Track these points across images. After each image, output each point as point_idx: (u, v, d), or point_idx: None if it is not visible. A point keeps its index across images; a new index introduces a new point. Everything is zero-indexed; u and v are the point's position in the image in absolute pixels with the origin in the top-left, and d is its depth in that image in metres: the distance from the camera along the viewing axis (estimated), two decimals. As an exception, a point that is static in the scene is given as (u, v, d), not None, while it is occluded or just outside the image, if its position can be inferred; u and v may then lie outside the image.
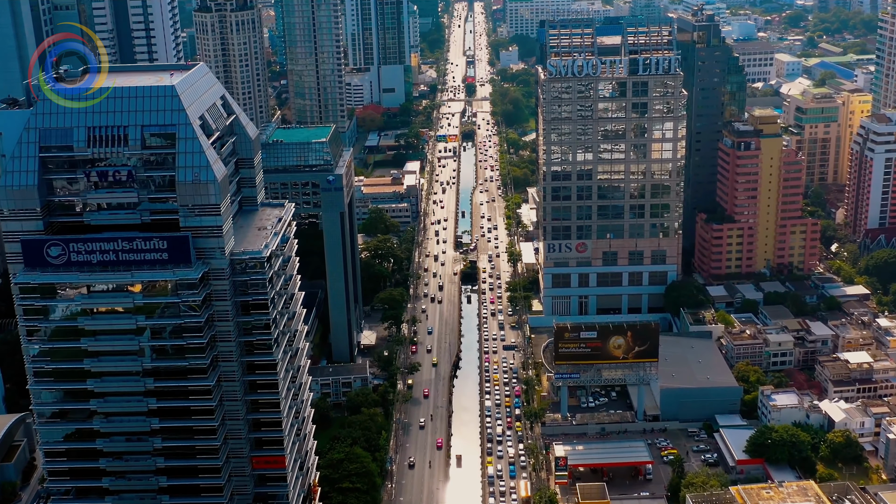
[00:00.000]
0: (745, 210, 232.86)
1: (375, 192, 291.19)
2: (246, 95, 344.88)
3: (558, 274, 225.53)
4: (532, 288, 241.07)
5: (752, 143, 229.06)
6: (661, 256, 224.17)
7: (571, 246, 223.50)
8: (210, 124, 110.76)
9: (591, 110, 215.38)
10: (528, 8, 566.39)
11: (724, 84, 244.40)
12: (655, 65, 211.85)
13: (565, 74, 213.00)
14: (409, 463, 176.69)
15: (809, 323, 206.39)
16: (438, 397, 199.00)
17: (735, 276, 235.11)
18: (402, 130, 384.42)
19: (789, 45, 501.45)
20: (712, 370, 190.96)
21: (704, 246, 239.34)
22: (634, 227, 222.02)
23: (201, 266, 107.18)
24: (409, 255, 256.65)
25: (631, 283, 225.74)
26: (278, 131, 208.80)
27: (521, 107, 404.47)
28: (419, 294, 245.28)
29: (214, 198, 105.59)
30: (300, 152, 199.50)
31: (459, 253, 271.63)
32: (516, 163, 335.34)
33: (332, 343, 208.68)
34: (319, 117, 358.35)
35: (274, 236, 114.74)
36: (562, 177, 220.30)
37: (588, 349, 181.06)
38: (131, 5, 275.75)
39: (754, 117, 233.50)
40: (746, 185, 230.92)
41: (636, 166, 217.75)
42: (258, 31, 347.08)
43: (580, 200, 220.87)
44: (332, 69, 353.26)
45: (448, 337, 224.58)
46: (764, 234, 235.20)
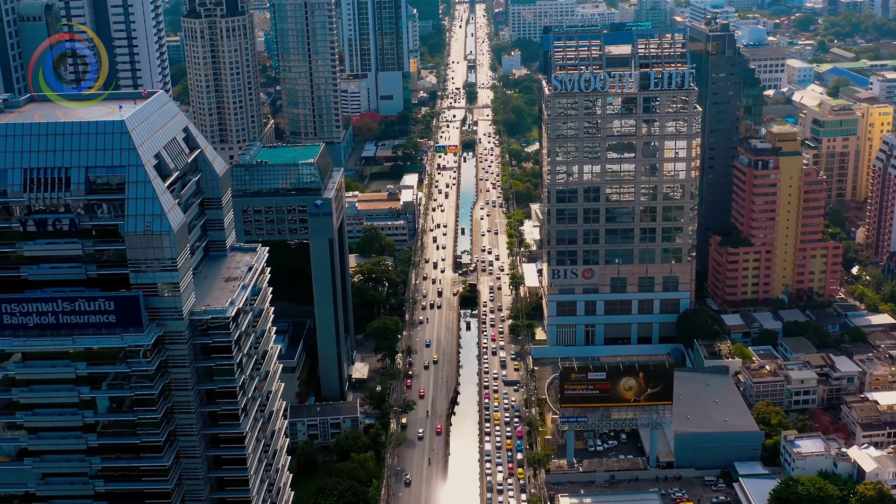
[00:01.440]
0: (763, 232, 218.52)
1: (371, 208, 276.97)
2: (237, 105, 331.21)
3: (563, 301, 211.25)
4: (535, 314, 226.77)
5: (770, 162, 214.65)
6: (674, 283, 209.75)
7: (577, 272, 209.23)
8: (167, 163, 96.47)
9: (599, 127, 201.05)
10: (531, 11, 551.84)
11: (740, 97, 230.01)
12: (668, 79, 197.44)
13: (571, 89, 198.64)
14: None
15: (833, 358, 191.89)
16: (434, 439, 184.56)
17: (751, 303, 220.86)
18: (401, 140, 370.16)
19: (800, 49, 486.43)
20: (730, 411, 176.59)
21: (719, 270, 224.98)
22: (645, 251, 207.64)
23: (155, 329, 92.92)
24: (405, 277, 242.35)
25: (641, 311, 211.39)
26: (263, 151, 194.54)
27: (524, 115, 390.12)
28: (415, 320, 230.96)
29: (169, 251, 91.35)
30: (286, 174, 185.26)
31: (458, 275, 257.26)
32: (518, 176, 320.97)
33: (321, 377, 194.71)
34: (314, 127, 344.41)
35: (242, 290, 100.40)
36: (567, 198, 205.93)
37: (596, 391, 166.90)
38: (112, 12, 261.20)
39: (772, 134, 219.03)
40: (764, 207, 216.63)
41: (647, 187, 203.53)
42: (250, 37, 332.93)
43: (587, 223, 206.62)
44: (327, 77, 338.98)
45: (445, 368, 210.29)
46: (782, 258, 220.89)
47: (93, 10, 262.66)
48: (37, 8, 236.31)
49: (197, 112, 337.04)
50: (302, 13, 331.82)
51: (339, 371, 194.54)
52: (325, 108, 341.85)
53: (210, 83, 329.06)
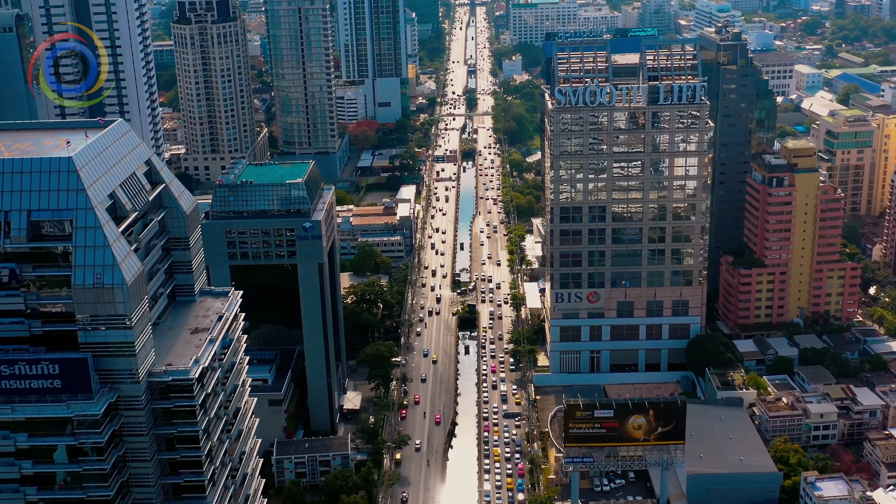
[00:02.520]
0: (777, 253, 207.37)
1: (366, 223, 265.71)
2: (228, 114, 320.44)
3: (567, 326, 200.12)
4: (537, 338, 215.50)
5: (786, 179, 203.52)
6: (684, 307, 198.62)
7: (582, 295, 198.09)
8: (123, 203, 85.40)
9: (605, 143, 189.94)
10: (533, 14, 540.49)
11: (752, 110, 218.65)
12: (678, 93, 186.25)
13: (576, 103, 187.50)
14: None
15: (854, 389, 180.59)
16: (430, 477, 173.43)
17: (765, 327, 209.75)
18: (398, 149, 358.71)
19: (808, 54, 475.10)
20: (746, 448, 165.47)
21: (730, 292, 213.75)
22: (653, 273, 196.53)
23: (106, 395, 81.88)
24: (400, 298, 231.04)
25: (649, 336, 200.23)
26: (249, 169, 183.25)
27: (525, 123, 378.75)
28: (411, 344, 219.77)
29: (123, 306, 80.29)
30: (273, 194, 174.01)
31: (457, 294, 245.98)
32: (520, 188, 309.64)
33: (311, 409, 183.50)
34: (308, 137, 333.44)
35: (210, 344, 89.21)
36: (571, 217, 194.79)
37: (603, 430, 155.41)
38: (95, 19, 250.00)
39: (787, 149, 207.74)
40: (779, 226, 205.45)
41: (656, 206, 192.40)
42: (242, 43, 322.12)
43: (592, 244, 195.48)
44: (322, 85, 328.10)
45: (443, 397, 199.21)
46: (797, 280, 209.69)
47: (75, 16, 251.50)
48: (7, 18, 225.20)
49: (187, 121, 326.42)
50: (296, 18, 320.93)
51: (330, 403, 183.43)
52: (320, 117, 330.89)
53: (201, 91, 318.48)
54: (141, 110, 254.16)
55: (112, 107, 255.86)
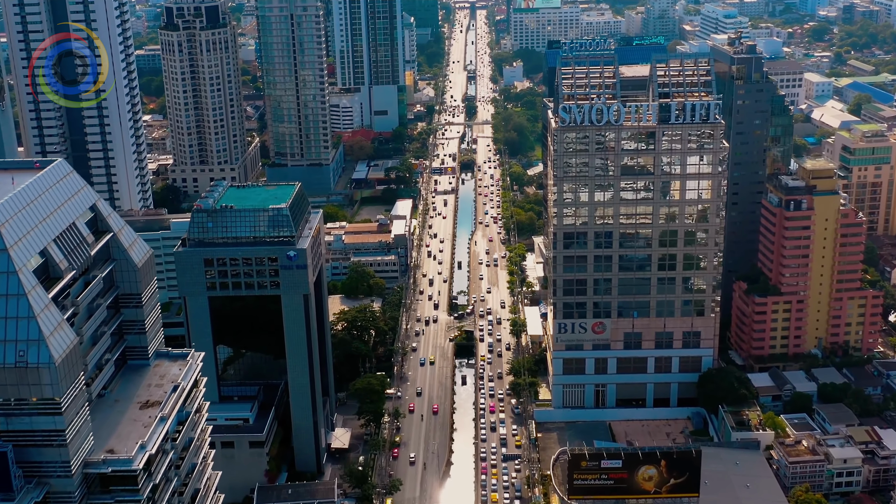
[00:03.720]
0: (794, 280, 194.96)
1: (359, 241, 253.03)
2: (217, 124, 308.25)
3: (570, 358, 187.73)
4: (538, 368, 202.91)
5: (804, 202, 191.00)
6: (695, 339, 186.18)
7: (587, 326, 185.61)
8: (57, 262, 72.89)
9: (612, 165, 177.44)
10: (534, 18, 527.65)
11: (767, 127, 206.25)
12: (691, 111, 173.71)
13: (581, 122, 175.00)
14: None
15: (880, 431, 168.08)
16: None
17: (780, 358, 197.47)
18: (395, 160, 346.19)
19: (816, 62, 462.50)
20: (764, 497, 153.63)
21: (744, 321, 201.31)
22: (663, 303, 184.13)
23: (32, 492, 69.18)
24: (394, 324, 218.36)
25: (658, 369, 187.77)
26: (230, 192, 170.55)
27: (526, 133, 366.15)
28: (405, 374, 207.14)
29: (51, 389, 67.81)
30: (254, 221, 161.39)
31: (454, 318, 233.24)
32: (521, 203, 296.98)
33: (296, 449, 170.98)
34: (300, 148, 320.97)
35: (161, 423, 76.60)
36: (575, 243, 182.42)
37: (611, 481, 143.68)
38: (73, 28, 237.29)
39: (806, 170, 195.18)
40: (796, 252, 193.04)
41: (666, 231, 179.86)
42: (232, 51, 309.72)
43: (597, 272, 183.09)
44: (315, 94, 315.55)
45: (438, 434, 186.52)
46: (815, 309, 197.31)
47: (52, 23, 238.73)
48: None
49: (175, 131, 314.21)
50: (287, 25, 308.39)
51: (316, 442, 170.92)
52: (313, 128, 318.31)
53: (189, 100, 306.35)
54: (122, 120, 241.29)
55: (91, 119, 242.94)
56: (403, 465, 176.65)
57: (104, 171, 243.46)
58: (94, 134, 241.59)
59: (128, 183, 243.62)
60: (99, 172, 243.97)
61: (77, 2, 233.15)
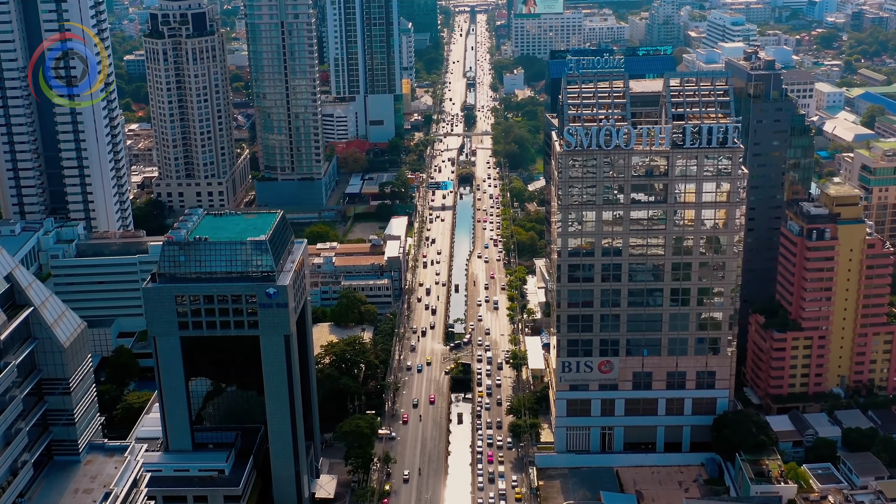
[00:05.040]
0: (816, 314, 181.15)
1: (350, 264, 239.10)
2: (204, 137, 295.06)
3: (575, 399, 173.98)
4: (540, 407, 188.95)
5: (827, 231, 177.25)
6: (709, 379, 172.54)
7: (593, 365, 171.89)
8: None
9: (622, 192, 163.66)
10: (535, 24, 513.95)
11: (786, 149, 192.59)
12: (707, 134, 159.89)
13: (588, 146, 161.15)
14: None
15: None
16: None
17: (800, 398, 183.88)
18: (391, 172, 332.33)
19: (826, 71, 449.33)
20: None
21: (761, 357, 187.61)
22: (675, 341, 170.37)
23: None
24: (386, 356, 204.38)
25: (669, 412, 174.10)
26: (206, 221, 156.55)
27: (527, 146, 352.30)
28: (397, 411, 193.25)
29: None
30: (231, 254, 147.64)
31: (450, 348, 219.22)
32: (521, 221, 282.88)
33: (276, 501, 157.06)
34: (291, 161, 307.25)
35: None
36: (581, 277, 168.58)
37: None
38: (46, 36, 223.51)
39: (829, 197, 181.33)
40: (818, 284, 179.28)
41: (679, 264, 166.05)
42: (220, 59, 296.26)
43: (604, 307, 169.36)
44: (307, 105, 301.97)
45: (431, 482, 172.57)
46: (838, 345, 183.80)
47: (24, 31, 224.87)
48: None
49: (160, 143, 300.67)
50: (278, 33, 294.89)
51: (298, 493, 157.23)
52: (305, 140, 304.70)
53: (174, 111, 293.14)
54: (98, 135, 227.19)
55: (66, 135, 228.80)
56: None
57: (79, 190, 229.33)
58: (68, 150, 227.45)
59: (105, 202, 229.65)
60: (74, 191, 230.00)
61: (50, 10, 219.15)
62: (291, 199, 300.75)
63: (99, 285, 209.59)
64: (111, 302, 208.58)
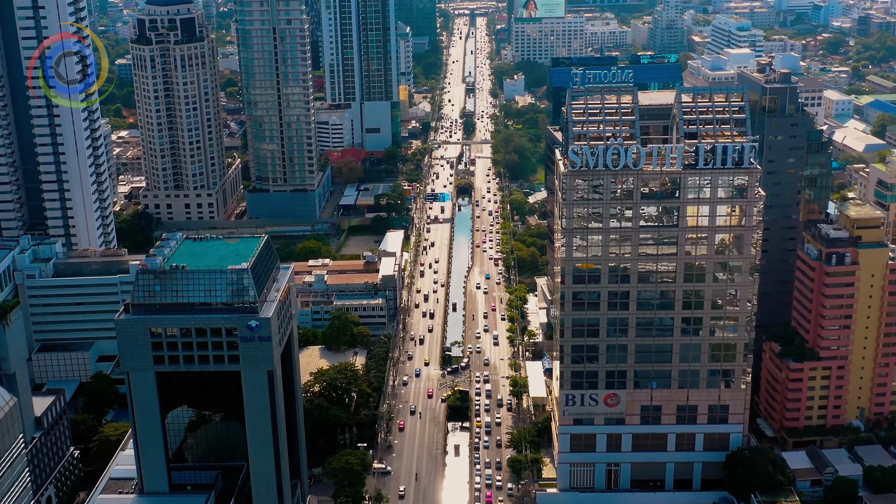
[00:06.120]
0: (835, 343, 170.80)
1: (343, 282, 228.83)
2: (194, 146, 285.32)
3: (579, 434, 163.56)
4: (542, 439, 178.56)
5: (847, 255, 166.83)
6: (723, 413, 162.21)
7: (598, 398, 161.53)
8: None
9: (630, 215, 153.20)
10: (536, 28, 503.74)
11: (802, 167, 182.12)
12: (722, 154, 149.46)
13: (594, 166, 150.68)
14: None
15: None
16: None
17: (818, 431, 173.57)
18: (387, 183, 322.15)
19: (834, 77, 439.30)
20: None
21: (775, 387, 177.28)
22: (686, 372, 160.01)
23: None
24: (379, 383, 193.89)
25: (679, 447, 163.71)
26: (185, 246, 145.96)
27: (528, 156, 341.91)
28: (390, 443, 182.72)
29: None
30: (210, 283, 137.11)
31: (447, 373, 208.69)
32: (522, 236, 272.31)
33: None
34: (283, 172, 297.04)
35: None
36: (587, 304, 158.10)
37: None
38: (24, 45, 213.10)
39: (849, 218, 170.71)
40: (838, 312, 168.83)
41: (691, 292, 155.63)
42: (210, 66, 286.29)
43: (611, 336, 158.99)
44: (299, 114, 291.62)
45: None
46: (858, 376, 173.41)
47: (2, 41, 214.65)
48: None
49: (147, 152, 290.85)
50: (270, 39, 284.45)
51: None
52: (297, 150, 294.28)
53: (162, 120, 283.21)
54: (79, 147, 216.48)
55: (45, 147, 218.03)
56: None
57: (58, 205, 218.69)
58: (46, 163, 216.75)
59: (86, 217, 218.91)
60: (53, 206, 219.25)
61: (27, 17, 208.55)
62: (284, 211, 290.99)
63: (77, 307, 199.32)
64: (90, 324, 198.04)
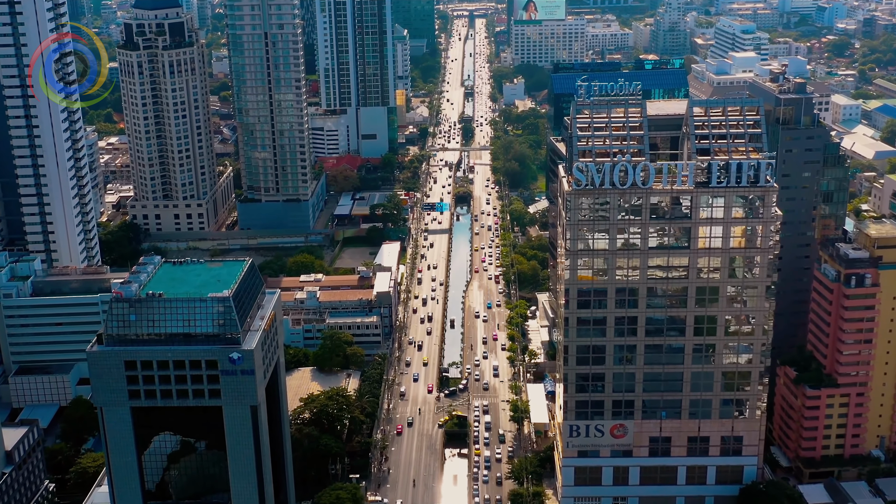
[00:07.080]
0: (854, 369, 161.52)
1: (336, 298, 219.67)
2: (183, 155, 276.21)
3: (584, 467, 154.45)
4: (545, 468, 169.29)
5: (868, 277, 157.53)
6: (736, 445, 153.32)
7: (604, 428, 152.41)
8: None
9: (639, 237, 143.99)
10: (536, 31, 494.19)
11: (818, 181, 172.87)
12: (737, 171, 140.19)
13: (600, 185, 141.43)
14: None
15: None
16: None
17: (835, 461, 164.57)
18: (383, 191, 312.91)
19: (840, 81, 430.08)
20: None
21: (791, 415, 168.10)
22: (697, 402, 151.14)
23: None
24: (373, 409, 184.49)
25: (690, 481, 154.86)
26: (163, 270, 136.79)
27: (528, 163, 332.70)
28: (384, 473, 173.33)
29: None
30: (189, 312, 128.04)
31: (444, 395, 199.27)
32: (522, 248, 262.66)
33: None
34: (276, 182, 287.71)
35: None
36: (592, 330, 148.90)
37: None
38: (2, 54, 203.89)
39: (869, 237, 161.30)
40: (857, 336, 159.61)
41: (703, 317, 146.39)
42: (200, 72, 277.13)
43: (618, 364, 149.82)
44: (292, 122, 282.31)
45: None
46: (878, 403, 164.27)
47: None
48: None
49: (135, 161, 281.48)
50: (261, 45, 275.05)
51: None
52: (290, 159, 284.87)
53: (150, 127, 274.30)
54: (59, 159, 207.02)
55: (23, 159, 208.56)
56: None
57: (38, 220, 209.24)
58: (25, 176, 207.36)
59: (67, 232, 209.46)
60: (32, 220, 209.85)
61: (5, 23, 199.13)
62: (276, 221, 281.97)
63: (57, 327, 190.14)
64: (71, 345, 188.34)
